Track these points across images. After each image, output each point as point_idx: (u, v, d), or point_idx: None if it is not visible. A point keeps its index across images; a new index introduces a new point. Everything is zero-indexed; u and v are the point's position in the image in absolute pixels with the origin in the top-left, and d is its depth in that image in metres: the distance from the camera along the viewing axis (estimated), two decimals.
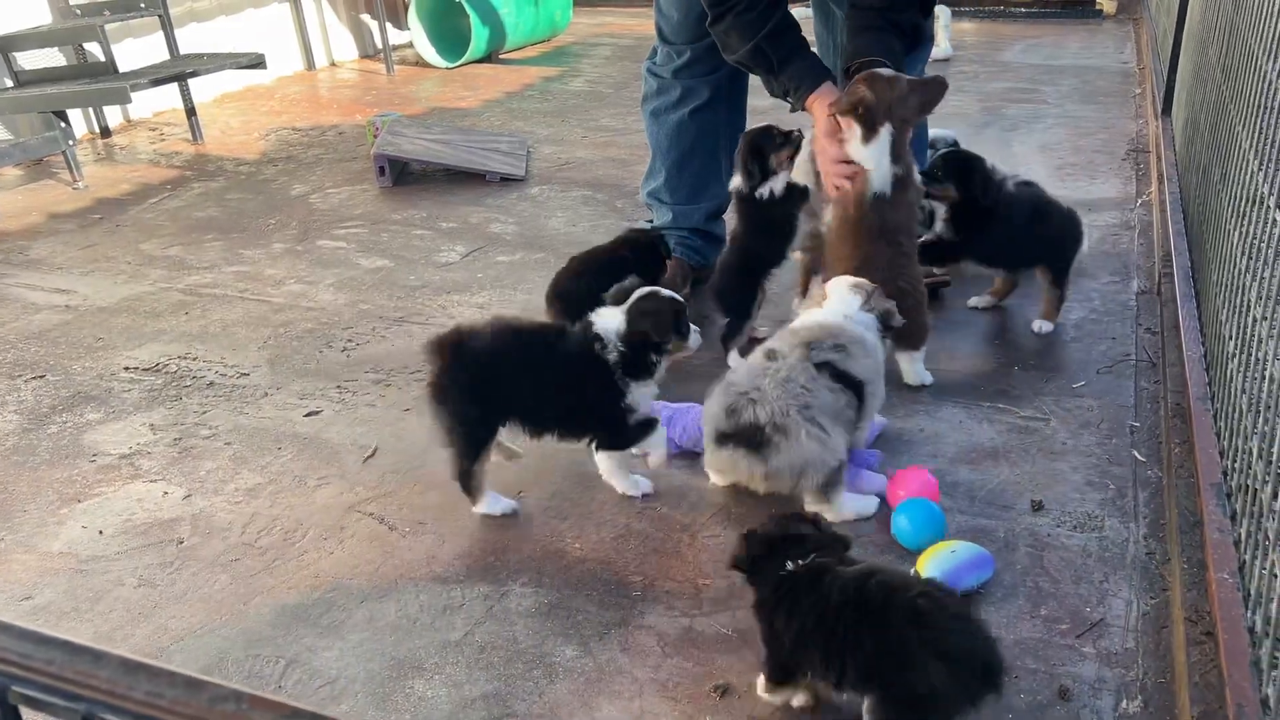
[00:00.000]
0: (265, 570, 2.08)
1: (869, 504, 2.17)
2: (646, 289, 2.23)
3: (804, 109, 2.69)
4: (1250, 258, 1.95)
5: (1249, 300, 1.89)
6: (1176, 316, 2.67)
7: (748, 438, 2.09)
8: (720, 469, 2.22)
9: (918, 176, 2.65)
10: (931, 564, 1.91)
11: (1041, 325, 2.93)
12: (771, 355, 2.20)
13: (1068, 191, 4.10)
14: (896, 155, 2.54)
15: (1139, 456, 2.32)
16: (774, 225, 2.81)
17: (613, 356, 2.12)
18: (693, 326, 2.23)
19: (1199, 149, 3.12)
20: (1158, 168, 3.98)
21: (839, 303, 2.32)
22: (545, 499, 2.27)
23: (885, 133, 2.51)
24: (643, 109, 3.38)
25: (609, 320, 2.15)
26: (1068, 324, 2.97)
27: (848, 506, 2.15)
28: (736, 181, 2.83)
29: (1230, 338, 2.05)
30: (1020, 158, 4.58)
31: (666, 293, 2.23)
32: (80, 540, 2.20)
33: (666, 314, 2.16)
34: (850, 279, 2.38)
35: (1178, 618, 1.73)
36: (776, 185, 2.77)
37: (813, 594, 1.55)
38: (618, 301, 2.21)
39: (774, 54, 2.65)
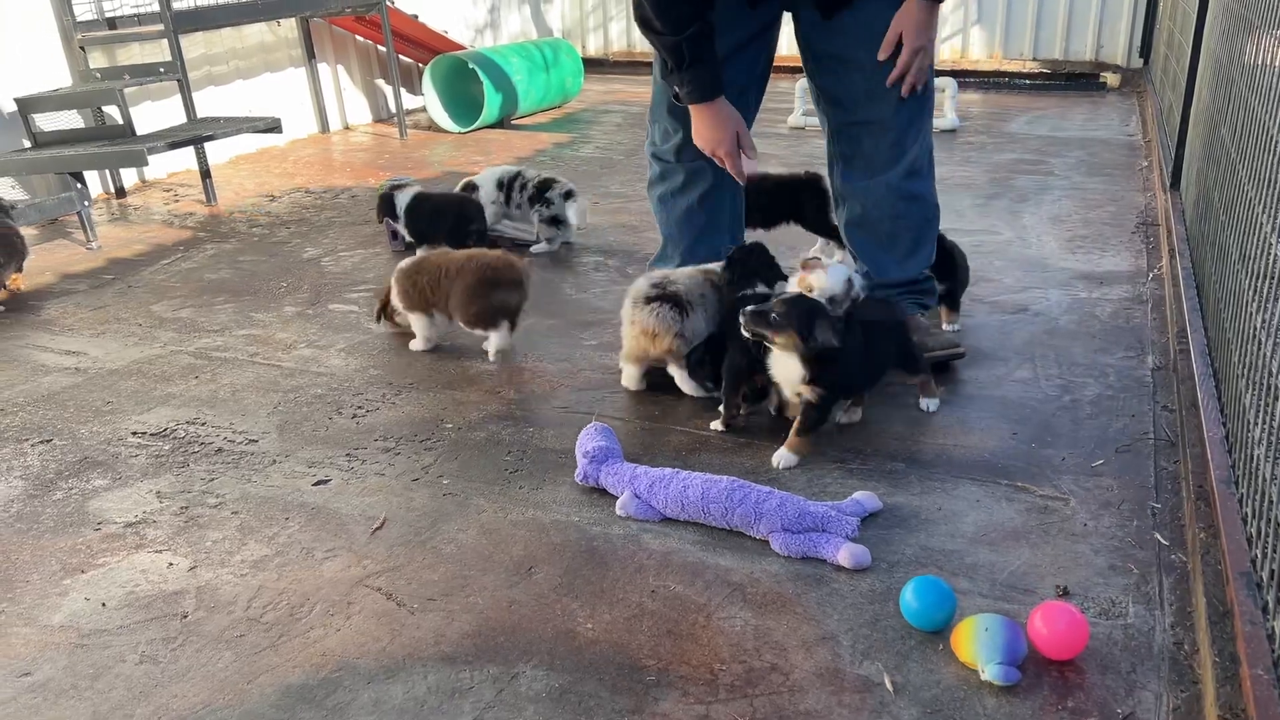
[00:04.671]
0: (270, 647, 2.03)
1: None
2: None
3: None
4: (1277, 342, 1.93)
5: (1276, 385, 1.86)
6: (1194, 395, 2.65)
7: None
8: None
9: None
10: (976, 650, 1.85)
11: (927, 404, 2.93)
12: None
13: (1079, 264, 4.11)
14: None
15: (1162, 540, 2.28)
16: None
17: None
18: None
19: (1212, 226, 3.12)
20: (1168, 242, 3.99)
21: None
22: (557, 576, 2.23)
23: None
24: (649, 193, 3.38)
25: None
26: (1084, 400, 2.94)
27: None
28: None
29: (1255, 423, 2.02)
30: (1031, 229, 4.60)
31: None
32: (82, 613, 2.16)
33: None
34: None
35: (1211, 715, 1.67)
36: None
37: None
38: None
39: (689, 53, 2.83)
